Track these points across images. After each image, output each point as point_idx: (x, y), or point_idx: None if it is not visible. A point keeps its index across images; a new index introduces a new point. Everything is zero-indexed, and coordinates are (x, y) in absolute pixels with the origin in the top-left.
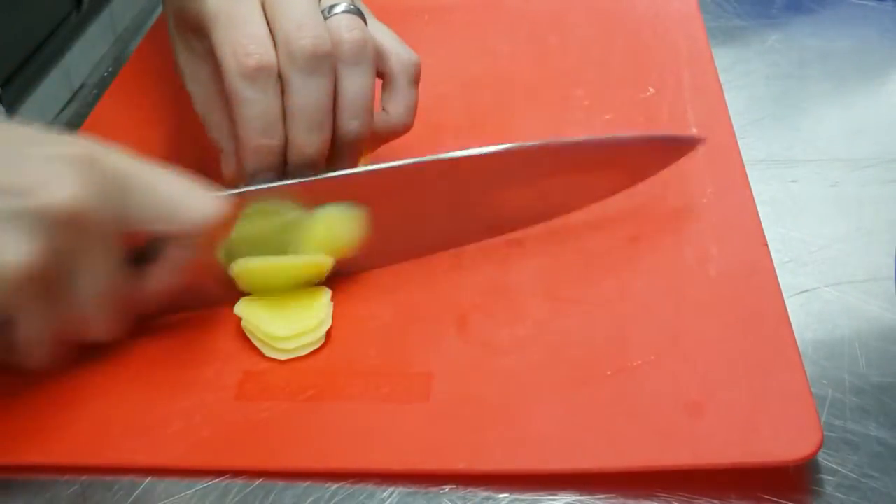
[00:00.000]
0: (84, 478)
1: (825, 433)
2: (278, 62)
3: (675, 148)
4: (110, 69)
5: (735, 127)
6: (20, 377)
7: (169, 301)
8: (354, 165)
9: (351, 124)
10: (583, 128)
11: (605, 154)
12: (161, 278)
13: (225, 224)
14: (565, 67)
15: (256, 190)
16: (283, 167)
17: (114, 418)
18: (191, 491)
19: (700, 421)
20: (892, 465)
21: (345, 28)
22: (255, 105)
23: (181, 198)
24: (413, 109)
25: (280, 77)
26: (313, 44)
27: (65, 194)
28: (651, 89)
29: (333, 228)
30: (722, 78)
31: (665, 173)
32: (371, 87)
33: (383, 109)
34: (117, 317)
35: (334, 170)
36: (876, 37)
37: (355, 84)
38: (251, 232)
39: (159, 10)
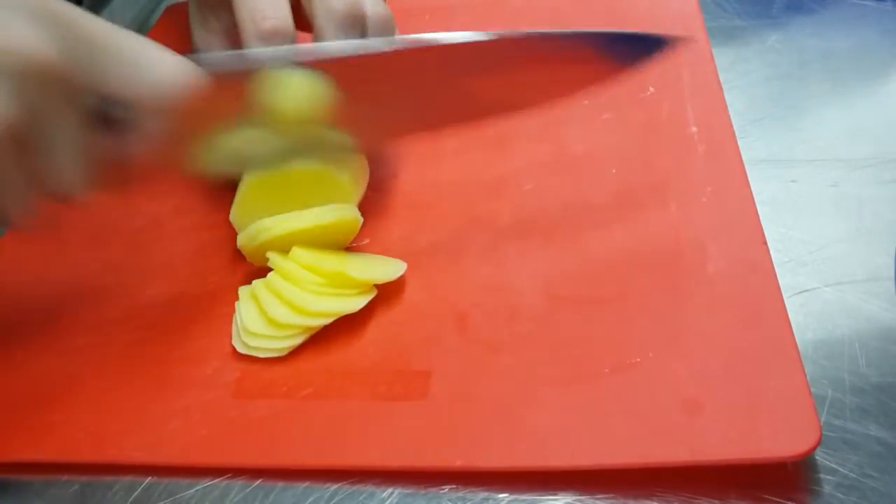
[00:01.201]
0: (84, 478)
1: (825, 433)
2: (315, 21)
3: (646, 45)
4: None
5: (735, 127)
6: (20, 376)
7: (147, 168)
8: None
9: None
10: (582, 127)
11: (576, 47)
12: (140, 145)
13: (196, 101)
14: None
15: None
16: None
17: (112, 416)
18: (191, 491)
19: (698, 418)
20: (892, 465)
21: (371, 3)
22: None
23: (150, 61)
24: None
25: (315, 34)
26: (349, 3)
27: (26, 44)
28: (651, 88)
29: (298, 88)
30: (722, 78)
31: (665, 173)
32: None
33: None
34: (91, 174)
35: None
36: (876, 37)
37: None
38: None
39: (159, 10)
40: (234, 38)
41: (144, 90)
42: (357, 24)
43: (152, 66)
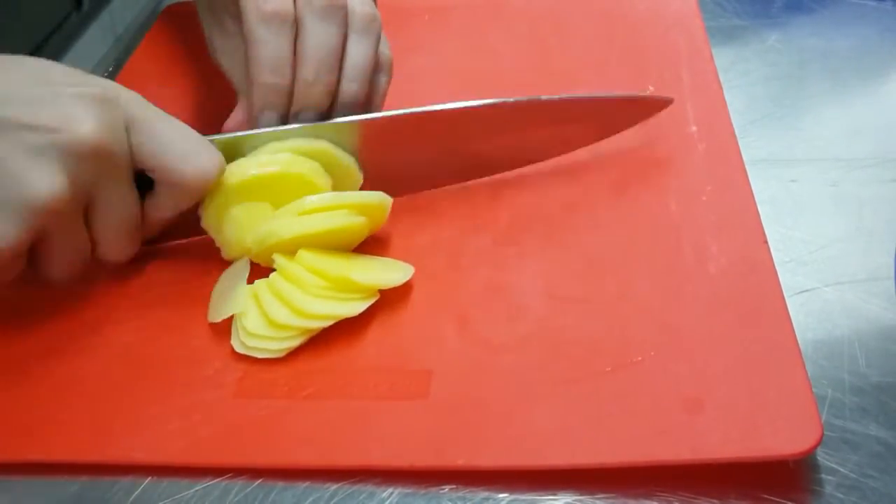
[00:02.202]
0: (84, 478)
1: (825, 433)
2: (296, 11)
3: (645, 105)
4: (110, 69)
5: (735, 127)
6: (21, 376)
7: (171, 227)
8: None
9: (350, 86)
10: None
11: (579, 110)
12: (162, 210)
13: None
14: (565, 67)
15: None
16: (286, 117)
17: (113, 416)
18: (191, 491)
19: (699, 416)
20: (892, 465)
21: (358, 2)
22: (267, 45)
23: (185, 155)
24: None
25: (296, 25)
26: None
27: (87, 130)
28: (651, 88)
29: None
30: (722, 78)
31: (665, 172)
32: (373, 59)
33: None
34: (130, 239)
35: None
36: (876, 37)
37: (360, 52)
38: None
39: (159, 10)
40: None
41: (186, 172)
42: (337, 15)
43: (196, 156)
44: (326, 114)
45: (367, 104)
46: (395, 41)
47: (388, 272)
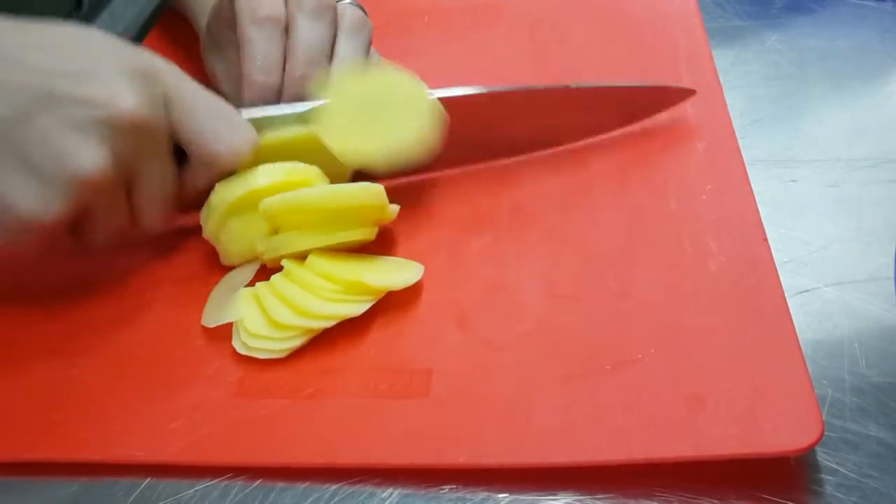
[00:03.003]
0: (84, 478)
1: (825, 433)
2: (287, 13)
3: (666, 95)
4: None
5: (735, 127)
6: (22, 375)
7: (204, 196)
8: None
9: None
10: None
11: (601, 97)
12: (196, 181)
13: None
14: (565, 69)
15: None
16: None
17: (115, 415)
18: (191, 491)
19: (700, 413)
20: (892, 465)
21: (349, 7)
22: (259, 45)
23: (220, 131)
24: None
25: (287, 27)
26: None
27: (130, 106)
28: None
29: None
30: (722, 78)
31: (665, 172)
32: (361, 59)
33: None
34: (168, 209)
35: None
36: (876, 37)
37: (349, 50)
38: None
39: (159, 10)
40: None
41: (220, 151)
42: (326, 14)
43: (229, 134)
44: None
45: None
46: (396, 43)
47: (398, 273)
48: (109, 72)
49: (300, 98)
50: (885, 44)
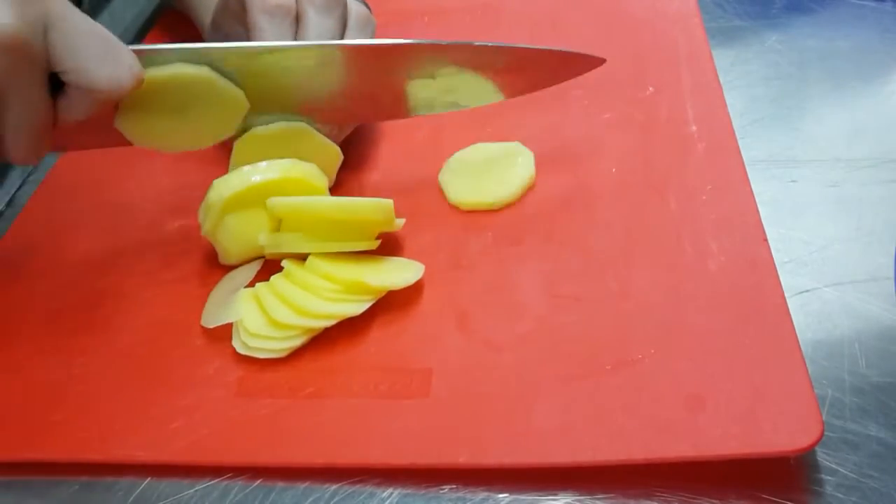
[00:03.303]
0: (84, 478)
1: (825, 433)
2: (298, 6)
3: (576, 62)
4: None
5: (735, 127)
6: (22, 375)
7: (82, 133)
8: None
9: None
10: (583, 127)
11: (515, 59)
12: (72, 113)
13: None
14: None
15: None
16: None
17: (115, 415)
18: (191, 491)
19: (700, 414)
20: (892, 465)
21: (355, 4)
22: (268, 34)
23: (103, 58)
24: None
25: (297, 20)
26: None
27: (4, 23)
28: (651, 88)
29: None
30: (722, 78)
31: (665, 172)
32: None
33: None
34: (39, 140)
35: None
36: (876, 37)
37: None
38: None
39: (160, 10)
40: None
41: (100, 77)
42: (336, 10)
43: (114, 59)
44: None
45: None
46: None
47: (398, 272)
48: None
49: None
50: (885, 44)
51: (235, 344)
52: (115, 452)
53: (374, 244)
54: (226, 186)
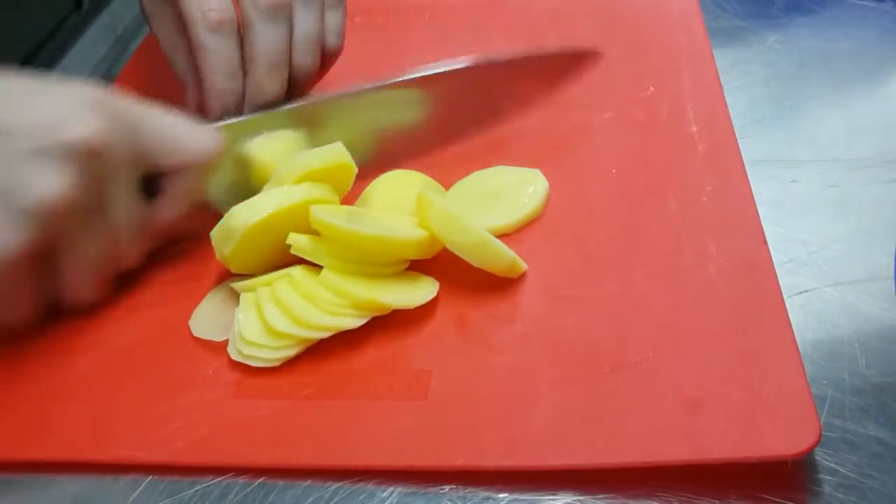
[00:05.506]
0: (84, 477)
1: (825, 433)
2: (240, 14)
3: (576, 59)
4: (110, 69)
5: (735, 127)
6: (22, 375)
7: (176, 230)
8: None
9: (305, 60)
10: (583, 127)
11: (521, 67)
12: (171, 207)
13: (227, 156)
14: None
15: (249, 119)
16: (241, 109)
17: (114, 415)
18: (191, 491)
19: (698, 417)
20: (892, 465)
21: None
22: (219, 53)
23: (186, 134)
24: (342, 32)
25: (240, 29)
26: None
27: (87, 129)
28: (651, 88)
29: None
30: (722, 78)
31: (665, 172)
32: (320, 24)
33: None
34: (140, 244)
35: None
36: (876, 37)
37: (307, 23)
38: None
39: None
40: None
41: (182, 153)
42: (283, 13)
43: (187, 139)
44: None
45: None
46: (397, 41)
47: (412, 291)
48: (60, 101)
49: (265, 98)
50: (885, 44)
51: (231, 351)
52: (114, 452)
53: (402, 268)
54: (251, 213)
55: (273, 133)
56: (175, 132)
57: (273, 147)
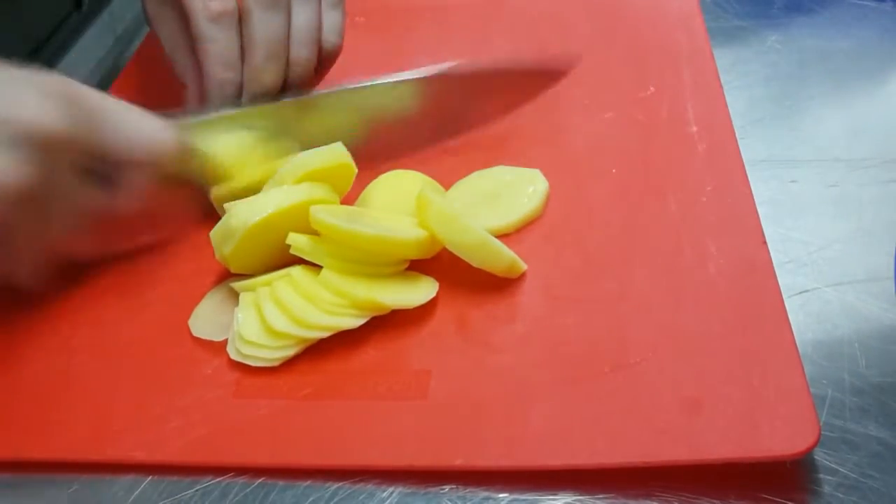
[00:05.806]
0: (84, 477)
1: (825, 433)
2: (240, 5)
3: (549, 72)
4: (110, 69)
5: (735, 127)
6: (22, 375)
7: (138, 224)
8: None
9: (302, 53)
10: (583, 127)
11: (493, 79)
12: (125, 198)
13: (184, 152)
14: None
15: (217, 116)
16: (239, 101)
17: (113, 415)
18: (191, 490)
19: (698, 417)
20: (892, 465)
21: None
22: (219, 43)
23: (140, 128)
24: (341, 31)
25: (240, 19)
26: None
27: (43, 118)
28: (651, 88)
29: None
30: (722, 78)
31: (665, 172)
32: (318, 19)
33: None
34: (93, 234)
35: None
36: (876, 37)
37: (306, 16)
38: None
39: None
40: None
41: (135, 148)
42: (281, 5)
43: (141, 129)
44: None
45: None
46: (397, 41)
47: (411, 291)
48: (19, 90)
49: (262, 87)
50: (885, 44)
51: (230, 350)
52: (114, 452)
53: (402, 268)
54: (251, 212)
55: (238, 132)
56: (130, 125)
57: (229, 144)
